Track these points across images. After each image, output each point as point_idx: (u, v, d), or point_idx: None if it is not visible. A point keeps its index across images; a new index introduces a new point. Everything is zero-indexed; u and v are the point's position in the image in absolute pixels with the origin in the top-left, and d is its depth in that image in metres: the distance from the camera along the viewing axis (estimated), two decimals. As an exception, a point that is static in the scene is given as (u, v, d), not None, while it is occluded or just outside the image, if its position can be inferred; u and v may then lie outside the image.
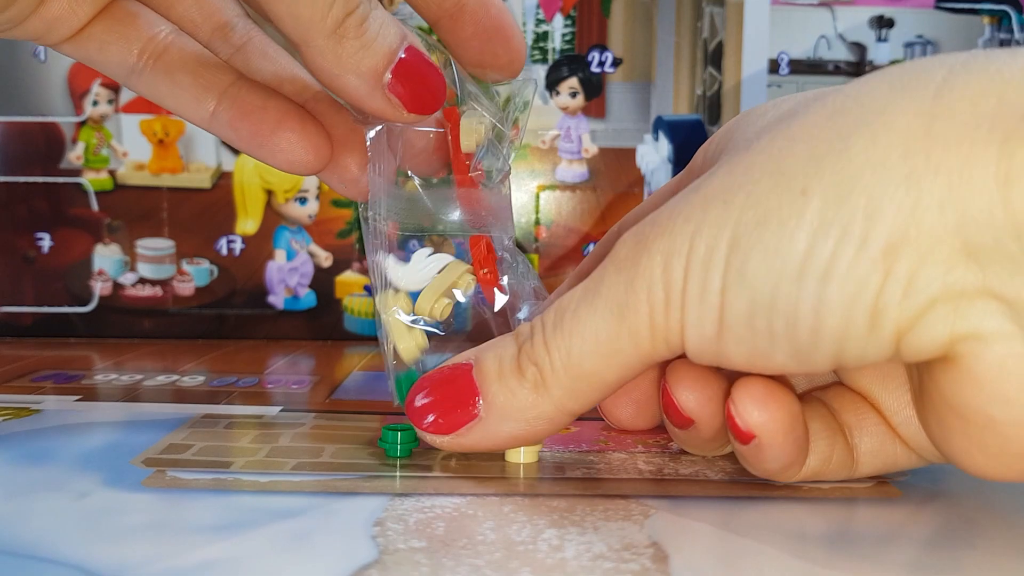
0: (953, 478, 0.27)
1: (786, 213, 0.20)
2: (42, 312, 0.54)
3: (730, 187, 0.21)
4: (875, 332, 0.20)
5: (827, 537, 0.22)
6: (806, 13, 0.54)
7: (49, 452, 0.29)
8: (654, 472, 0.27)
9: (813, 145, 0.20)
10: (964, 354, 0.19)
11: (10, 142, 0.53)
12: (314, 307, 0.54)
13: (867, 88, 0.21)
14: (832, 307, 0.20)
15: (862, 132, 0.20)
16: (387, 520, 0.23)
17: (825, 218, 0.19)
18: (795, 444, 0.24)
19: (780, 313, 0.20)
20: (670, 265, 0.21)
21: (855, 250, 0.19)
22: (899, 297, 0.19)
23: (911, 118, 0.19)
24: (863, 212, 0.19)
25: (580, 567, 0.20)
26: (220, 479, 0.26)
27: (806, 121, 0.21)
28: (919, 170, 0.19)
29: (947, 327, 0.19)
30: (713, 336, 0.21)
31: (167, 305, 0.54)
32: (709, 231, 0.21)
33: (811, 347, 0.20)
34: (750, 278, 0.20)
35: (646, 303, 0.22)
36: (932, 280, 0.19)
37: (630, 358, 0.22)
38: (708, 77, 0.54)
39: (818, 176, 0.20)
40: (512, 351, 0.24)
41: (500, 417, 0.24)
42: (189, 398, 0.37)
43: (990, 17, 0.54)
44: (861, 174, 0.19)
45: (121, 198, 0.54)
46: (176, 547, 0.21)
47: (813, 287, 0.20)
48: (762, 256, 0.20)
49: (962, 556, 0.21)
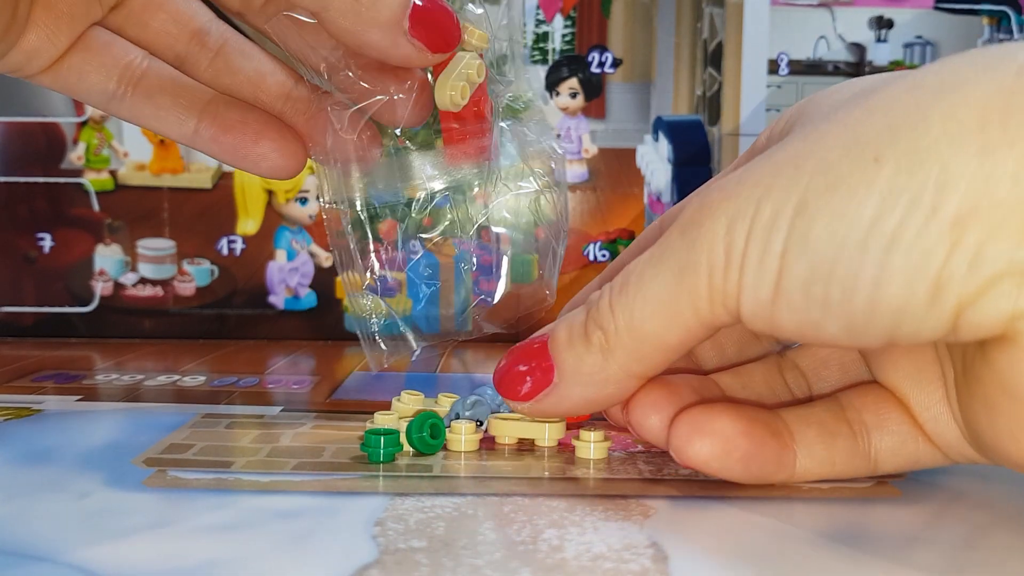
0: (953, 479, 0.27)
1: (857, 179, 0.20)
2: (43, 312, 0.54)
3: (802, 153, 0.21)
4: (935, 306, 0.19)
5: (827, 537, 0.22)
6: (805, 14, 0.54)
7: (50, 452, 0.29)
8: (654, 472, 0.27)
9: (890, 116, 0.20)
10: (1022, 331, 0.19)
11: (11, 142, 0.53)
12: (315, 307, 0.54)
13: (948, 66, 0.21)
14: (894, 277, 0.19)
15: (940, 105, 0.20)
16: (387, 520, 0.23)
17: (896, 186, 0.19)
18: (743, 464, 0.24)
19: (839, 281, 0.20)
20: (734, 227, 0.21)
21: (924, 219, 0.19)
22: (964, 270, 0.19)
23: (990, 93, 0.19)
24: (935, 182, 0.19)
25: (580, 567, 0.20)
26: (221, 479, 0.26)
27: (885, 94, 0.21)
28: (994, 142, 0.19)
29: (1010, 303, 0.19)
30: (768, 301, 0.21)
31: (168, 305, 0.54)
32: (777, 195, 0.21)
33: (866, 320, 0.20)
34: (813, 243, 0.20)
35: (706, 264, 0.22)
36: (1000, 254, 0.19)
37: (690, 320, 0.23)
38: (708, 77, 0.54)
39: (892, 145, 0.20)
40: (582, 317, 0.25)
41: (571, 382, 0.25)
42: (190, 398, 0.37)
43: (989, 18, 0.54)
44: (936, 144, 0.19)
45: (122, 198, 0.54)
46: (177, 547, 0.21)
47: (877, 255, 0.20)
48: (828, 221, 0.20)
49: (962, 556, 0.21)
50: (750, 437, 0.24)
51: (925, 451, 0.25)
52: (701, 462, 0.24)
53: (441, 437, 0.29)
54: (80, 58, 0.27)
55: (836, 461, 0.25)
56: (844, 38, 0.54)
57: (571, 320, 0.25)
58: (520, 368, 0.26)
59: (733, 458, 0.24)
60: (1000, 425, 0.21)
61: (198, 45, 0.28)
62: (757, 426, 0.25)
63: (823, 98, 0.24)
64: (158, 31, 0.28)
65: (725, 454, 0.24)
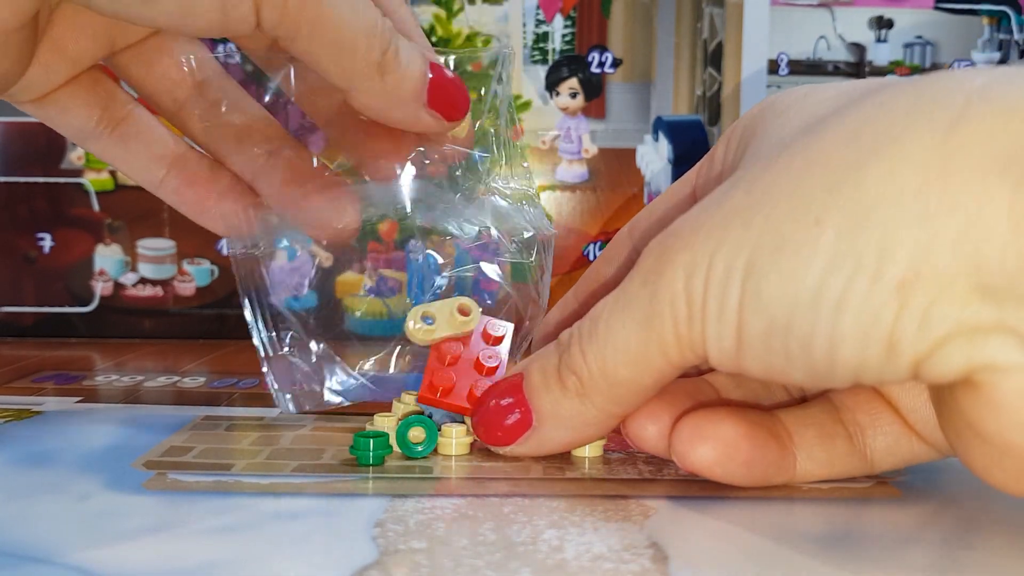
0: (953, 478, 0.27)
1: (800, 240, 0.20)
2: (43, 312, 0.54)
3: (750, 207, 0.21)
4: (892, 360, 0.20)
5: (827, 537, 0.22)
6: (805, 14, 0.54)
7: (50, 454, 0.29)
8: (654, 472, 0.27)
9: (829, 171, 0.20)
10: (984, 382, 0.19)
11: (11, 142, 0.53)
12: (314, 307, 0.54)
13: (885, 110, 0.21)
14: (846, 337, 0.20)
15: (878, 162, 0.20)
16: (387, 521, 0.23)
17: (839, 250, 0.20)
18: (745, 467, 0.25)
19: (796, 337, 0.20)
20: (691, 280, 0.22)
21: (868, 283, 0.19)
22: (914, 329, 0.19)
23: (927, 151, 0.19)
24: (876, 246, 0.19)
25: (580, 568, 0.20)
26: (221, 481, 0.26)
27: (824, 141, 0.21)
28: (933, 208, 0.19)
29: (964, 357, 0.19)
30: (733, 351, 0.22)
31: (168, 305, 0.54)
32: (728, 251, 0.21)
33: (828, 370, 0.21)
34: (766, 301, 0.21)
35: (670, 316, 0.22)
36: (947, 316, 0.19)
37: (661, 365, 0.23)
38: (708, 78, 0.54)
39: (833, 206, 0.20)
40: (554, 361, 0.25)
41: (551, 426, 0.26)
42: (190, 399, 0.37)
43: (989, 18, 0.54)
44: (876, 207, 0.19)
45: (122, 198, 0.54)
46: (177, 549, 0.21)
47: (827, 317, 0.20)
48: (778, 281, 0.20)
49: (961, 556, 0.21)
50: (752, 441, 0.25)
51: (920, 448, 0.25)
52: (705, 467, 0.25)
53: (432, 440, 0.28)
54: (68, 94, 0.28)
55: (835, 462, 0.25)
56: (844, 38, 0.54)
57: (543, 363, 0.25)
58: (498, 411, 0.26)
59: (736, 462, 0.25)
60: (973, 457, 0.21)
61: (197, 93, 0.29)
62: (758, 429, 0.25)
63: (778, 114, 0.24)
64: (161, 76, 0.29)
65: (728, 459, 0.25)
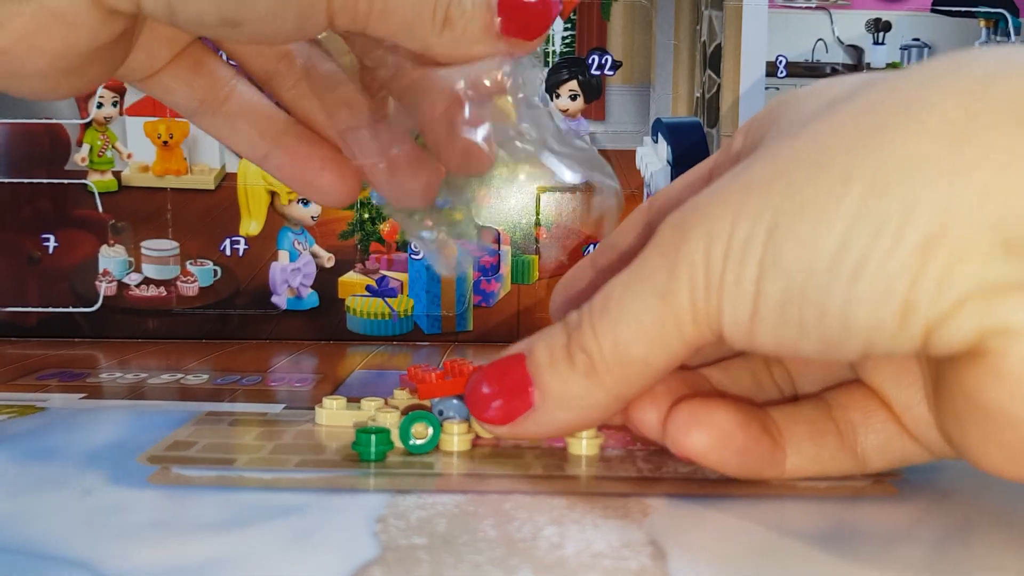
0: (951, 477, 0.27)
1: (824, 202, 0.20)
2: (47, 312, 0.54)
3: (772, 174, 0.21)
4: (904, 328, 0.20)
5: (824, 535, 0.22)
6: (803, 16, 0.54)
7: (54, 450, 0.29)
8: (653, 470, 0.27)
9: (857, 134, 0.20)
10: (992, 349, 0.19)
11: (15, 144, 0.54)
12: (317, 307, 0.55)
13: (913, 78, 0.21)
14: (861, 303, 0.20)
15: (907, 122, 0.20)
16: (389, 517, 0.23)
17: (863, 209, 0.19)
18: (738, 456, 0.25)
19: (811, 304, 0.20)
20: (710, 250, 0.21)
21: (890, 243, 0.19)
22: (932, 293, 0.19)
23: (955, 111, 0.19)
24: (901, 204, 0.19)
25: (580, 565, 0.20)
26: (224, 476, 0.26)
27: (851, 109, 0.21)
28: (960, 164, 0.19)
29: (978, 322, 0.19)
30: (746, 322, 0.21)
31: (171, 305, 0.54)
32: (749, 217, 0.21)
33: (840, 339, 0.20)
34: (785, 267, 0.20)
35: (687, 288, 0.22)
36: (967, 277, 0.19)
37: (675, 342, 0.23)
38: (707, 80, 0.54)
39: (858, 166, 0.20)
40: (562, 339, 0.24)
41: (554, 405, 0.24)
42: (193, 396, 0.37)
43: (986, 20, 0.54)
44: (902, 166, 0.19)
45: (126, 199, 0.54)
46: (181, 544, 0.21)
47: (845, 280, 0.20)
48: (797, 245, 0.20)
49: (959, 555, 0.21)
50: (746, 431, 0.25)
51: (911, 449, 0.25)
52: (698, 453, 0.24)
53: (434, 437, 0.29)
54: (170, 75, 0.28)
55: (825, 459, 0.25)
56: (842, 40, 0.54)
57: (550, 342, 0.25)
58: (495, 389, 0.25)
59: (730, 450, 0.25)
60: (971, 439, 0.21)
61: (286, 65, 0.29)
62: (752, 421, 0.25)
63: (796, 103, 0.24)
64: (248, 48, 0.29)
65: (722, 446, 0.24)
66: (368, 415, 0.32)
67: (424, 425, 0.28)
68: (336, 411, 0.32)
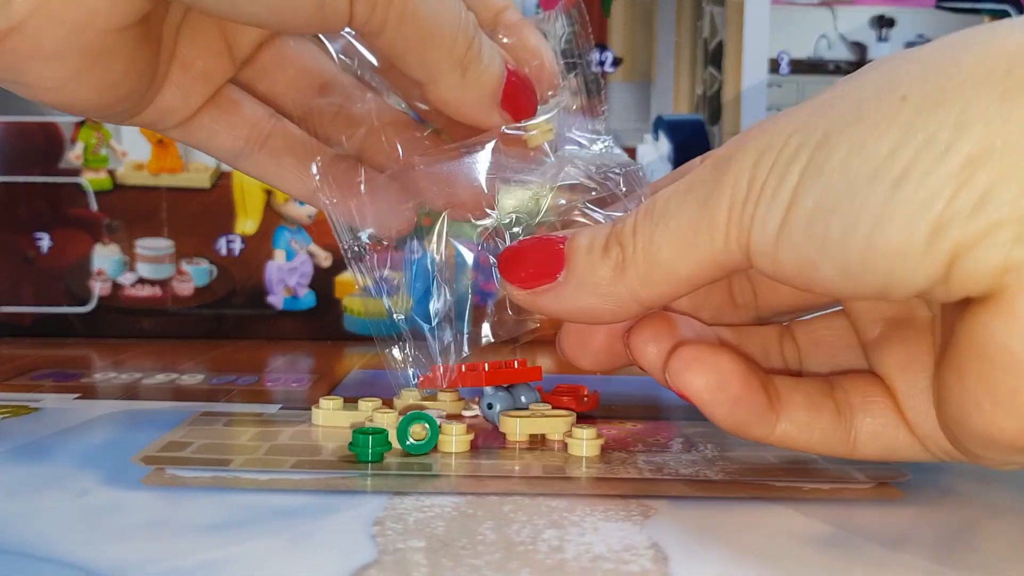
0: (954, 480, 0.27)
1: (881, 114, 0.20)
2: (41, 312, 0.54)
3: (838, 95, 0.22)
4: (931, 250, 0.20)
5: (827, 538, 0.22)
6: (806, 13, 0.54)
7: (48, 450, 0.29)
8: (654, 472, 0.27)
9: (924, 61, 0.21)
10: (1008, 286, 0.19)
11: (9, 142, 0.53)
12: (313, 307, 0.54)
13: (984, 25, 0.22)
14: (896, 215, 0.20)
15: (971, 51, 0.20)
16: (386, 519, 0.23)
17: (916, 121, 0.20)
18: (730, 404, 0.25)
19: (841, 216, 0.20)
20: (761, 160, 0.22)
21: (936, 157, 0.19)
22: (967, 212, 0.19)
23: (1016, 46, 0.20)
24: (954, 120, 0.19)
25: (580, 568, 0.20)
26: (219, 477, 0.26)
27: (924, 49, 0.22)
28: (1015, 88, 0.19)
29: (1003, 254, 0.19)
30: (772, 237, 0.22)
31: (166, 305, 0.54)
32: (806, 129, 0.21)
33: (861, 263, 0.20)
34: (827, 175, 0.21)
35: (729, 195, 0.22)
36: (1004, 200, 0.19)
37: (703, 253, 0.23)
38: (708, 77, 0.54)
39: (920, 86, 0.20)
40: (605, 231, 0.25)
41: (575, 285, 0.25)
42: (188, 396, 0.37)
43: (991, 16, 0.54)
44: (961, 86, 0.20)
45: (120, 198, 0.54)
46: (175, 545, 0.21)
47: (884, 190, 0.20)
48: (845, 152, 0.20)
49: (963, 558, 0.21)
50: (744, 381, 0.25)
51: (904, 440, 0.25)
52: (694, 391, 0.25)
53: (432, 437, 0.28)
54: (211, 117, 0.29)
55: (815, 432, 0.25)
56: (845, 37, 0.54)
57: (595, 231, 0.25)
58: (530, 255, 0.26)
59: (724, 395, 0.25)
60: (967, 390, 0.21)
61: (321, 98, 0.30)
62: (752, 375, 0.25)
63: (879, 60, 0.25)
64: (287, 85, 0.30)
65: (719, 389, 0.25)
66: (365, 415, 0.31)
67: (422, 426, 0.28)
68: (333, 411, 0.32)
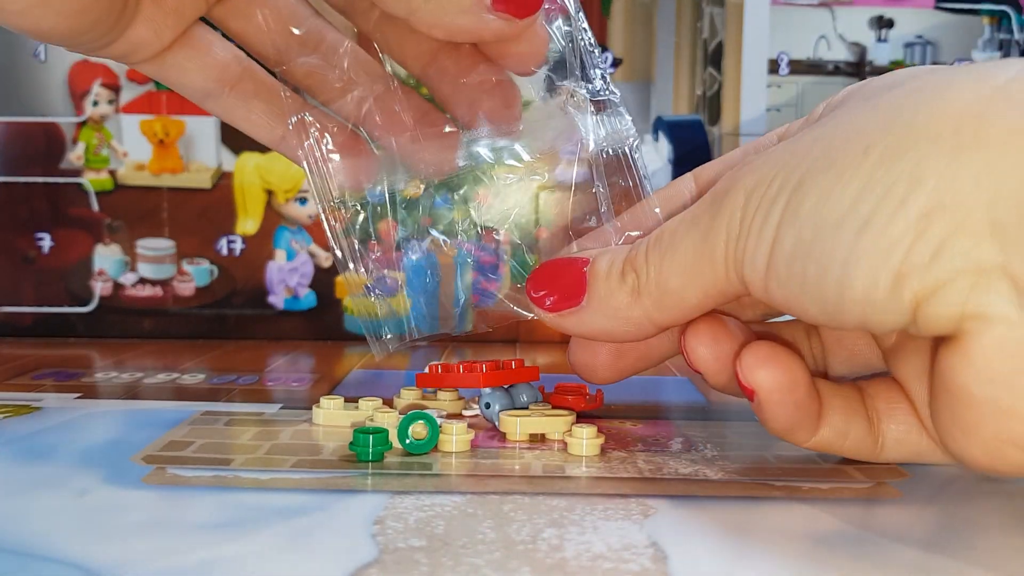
0: (953, 479, 0.27)
1: (847, 164, 0.21)
2: (42, 312, 0.54)
3: (816, 139, 0.23)
4: (896, 296, 0.21)
5: (827, 537, 0.22)
6: (806, 13, 0.54)
7: (49, 450, 0.29)
8: (653, 471, 0.27)
9: (889, 113, 0.22)
10: (967, 331, 0.20)
11: (10, 142, 0.53)
12: (314, 307, 0.54)
13: (950, 73, 0.23)
14: (860, 262, 0.21)
15: (930, 106, 0.21)
16: (387, 518, 0.23)
17: (876, 174, 0.21)
18: (794, 407, 0.26)
19: (815, 260, 0.22)
20: (751, 199, 0.23)
21: (894, 208, 0.20)
22: (926, 262, 0.20)
23: (971, 101, 0.21)
24: (909, 175, 0.20)
25: (580, 567, 0.20)
26: (220, 476, 0.26)
27: (893, 95, 0.23)
28: (965, 144, 0.20)
29: (960, 302, 0.20)
30: (762, 272, 0.23)
31: (167, 305, 0.54)
32: (786, 172, 0.23)
33: (836, 304, 0.22)
34: (802, 218, 0.22)
35: (724, 231, 0.24)
36: (959, 252, 0.20)
37: (708, 282, 0.24)
38: (708, 77, 0.54)
39: (882, 140, 0.21)
40: (622, 256, 0.27)
41: (596, 310, 0.27)
42: (189, 395, 0.37)
43: (990, 17, 0.54)
44: (917, 142, 0.21)
45: (121, 198, 0.54)
46: (176, 545, 0.21)
47: (849, 237, 0.21)
48: (816, 198, 0.22)
49: (962, 557, 0.21)
50: (809, 389, 0.26)
51: (926, 445, 0.27)
52: (765, 387, 0.25)
53: (432, 437, 0.28)
54: (183, 55, 0.29)
55: (848, 437, 0.27)
56: (844, 38, 0.54)
57: (613, 256, 0.27)
58: (555, 280, 0.28)
59: (792, 397, 0.25)
60: (941, 420, 0.22)
61: (297, 41, 0.30)
62: (811, 382, 0.26)
63: (867, 86, 0.26)
64: (259, 25, 0.30)
65: (787, 390, 0.25)
66: (366, 415, 0.32)
67: (422, 425, 0.28)
68: (333, 411, 0.32)
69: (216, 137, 0.53)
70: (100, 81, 0.53)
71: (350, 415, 0.32)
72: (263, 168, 0.53)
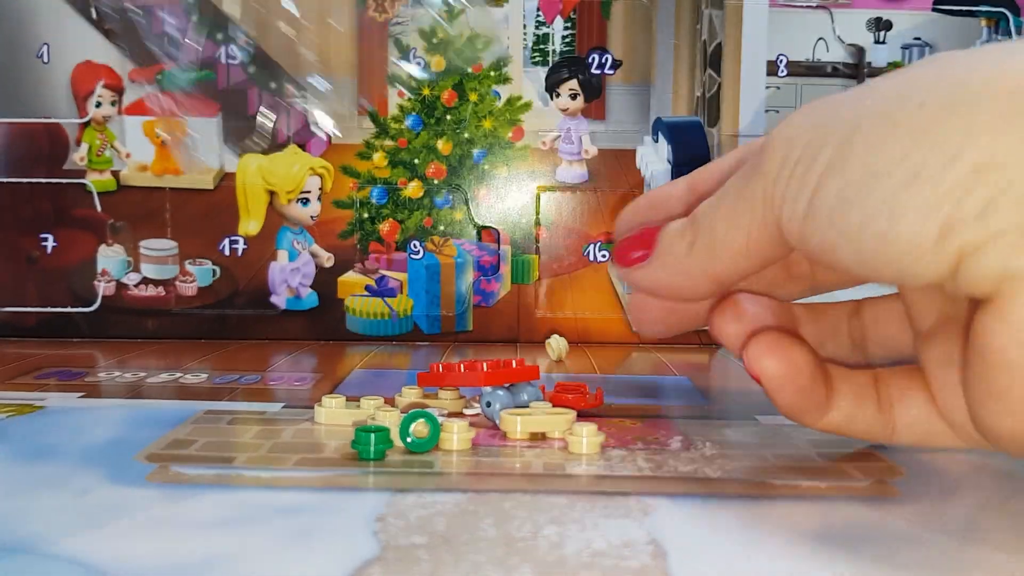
0: (951, 477, 0.27)
1: (900, 118, 0.22)
2: (45, 312, 0.54)
3: (871, 93, 0.23)
4: (940, 248, 0.21)
5: (825, 535, 0.22)
6: (804, 15, 0.54)
7: (52, 449, 0.29)
8: (654, 469, 0.27)
9: (944, 72, 0.22)
10: (1004, 292, 0.20)
11: (14, 143, 0.54)
12: (316, 307, 0.54)
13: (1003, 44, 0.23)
14: (908, 211, 0.21)
15: (987, 66, 0.22)
16: (388, 516, 0.23)
17: (931, 127, 0.21)
18: (798, 393, 0.27)
19: (859, 207, 0.22)
20: (798, 142, 0.24)
21: (947, 162, 0.20)
22: (973, 215, 0.20)
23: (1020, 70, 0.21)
24: (963, 131, 0.21)
25: (580, 564, 0.20)
26: (223, 474, 0.26)
27: (952, 57, 0.23)
28: (1020, 108, 0.20)
29: (1003, 260, 0.20)
30: (801, 217, 0.23)
31: (170, 305, 0.54)
32: (836, 122, 0.23)
33: (877, 251, 0.22)
34: (849, 167, 0.22)
35: (767, 172, 0.24)
36: (1008, 211, 0.20)
37: (750, 223, 0.25)
38: (707, 79, 0.54)
39: (938, 95, 0.21)
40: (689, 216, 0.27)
41: (659, 263, 0.28)
42: (192, 395, 0.37)
43: (987, 19, 0.54)
44: (973, 101, 0.21)
45: (124, 199, 0.54)
46: (179, 542, 0.21)
47: (899, 187, 0.21)
48: (866, 148, 0.22)
49: (960, 555, 0.21)
50: (812, 374, 0.27)
51: (939, 429, 0.27)
52: (768, 377, 0.27)
53: (434, 435, 0.29)
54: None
55: (858, 421, 0.28)
56: (843, 40, 0.54)
57: (684, 219, 0.28)
58: (635, 238, 0.29)
59: (793, 384, 0.27)
60: (972, 388, 0.22)
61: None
62: (819, 368, 0.27)
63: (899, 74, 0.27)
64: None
65: (789, 378, 0.27)
66: (368, 414, 0.32)
67: (424, 423, 0.28)
68: (335, 410, 0.32)
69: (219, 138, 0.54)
70: (103, 82, 0.53)
71: (352, 414, 0.32)
72: (265, 169, 0.54)
